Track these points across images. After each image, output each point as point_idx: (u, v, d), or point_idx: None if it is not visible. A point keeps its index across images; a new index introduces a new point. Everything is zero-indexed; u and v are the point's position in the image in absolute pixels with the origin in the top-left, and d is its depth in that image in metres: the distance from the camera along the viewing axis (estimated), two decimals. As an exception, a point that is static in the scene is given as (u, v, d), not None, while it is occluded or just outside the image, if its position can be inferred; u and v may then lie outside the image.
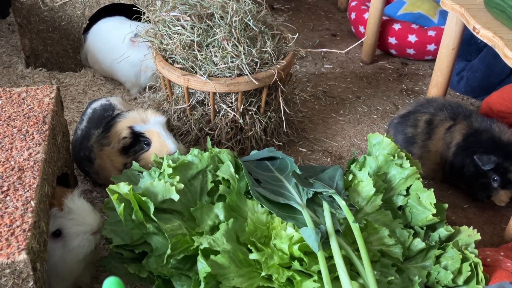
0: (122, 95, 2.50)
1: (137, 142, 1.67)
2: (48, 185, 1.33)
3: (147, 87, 2.48)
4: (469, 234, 1.52)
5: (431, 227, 1.60)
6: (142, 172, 1.52)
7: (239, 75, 1.91)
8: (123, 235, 1.38)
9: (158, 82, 2.38)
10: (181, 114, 2.09)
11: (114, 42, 2.40)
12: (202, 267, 1.26)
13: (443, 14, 2.93)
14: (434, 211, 1.54)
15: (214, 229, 1.40)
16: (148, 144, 1.66)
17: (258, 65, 1.94)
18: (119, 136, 1.64)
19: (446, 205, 1.65)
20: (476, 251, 1.46)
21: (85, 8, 2.51)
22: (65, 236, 1.33)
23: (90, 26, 2.57)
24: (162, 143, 1.64)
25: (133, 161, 1.60)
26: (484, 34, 1.75)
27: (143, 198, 1.34)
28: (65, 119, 1.72)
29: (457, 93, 2.71)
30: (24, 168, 1.29)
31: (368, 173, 1.61)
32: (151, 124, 1.66)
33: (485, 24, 1.77)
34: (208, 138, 1.70)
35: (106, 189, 1.37)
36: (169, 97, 2.13)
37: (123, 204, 1.34)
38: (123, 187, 1.34)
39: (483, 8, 1.86)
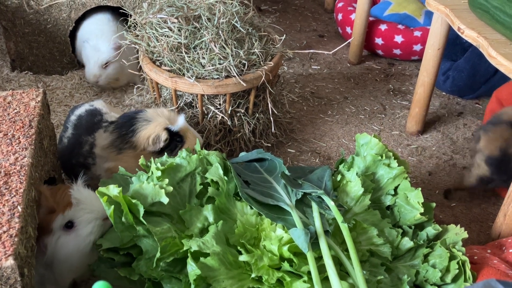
0: (110, 98, 2.49)
1: (171, 141, 1.75)
2: (35, 190, 1.32)
3: (134, 90, 2.47)
4: (456, 233, 1.54)
5: (419, 226, 1.61)
6: (131, 177, 1.52)
7: (227, 76, 1.91)
8: (112, 239, 1.38)
9: (145, 84, 2.37)
10: (169, 117, 2.08)
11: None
12: (192, 269, 1.26)
13: (429, 15, 2.96)
14: (422, 210, 1.55)
15: (204, 231, 1.40)
16: (181, 141, 1.76)
17: (246, 67, 1.94)
18: (155, 139, 1.70)
19: (434, 204, 1.67)
20: (463, 249, 1.47)
21: (71, 11, 2.49)
22: (77, 225, 1.36)
23: (76, 28, 2.56)
24: (194, 136, 1.78)
25: (120, 167, 1.60)
26: (469, 34, 1.77)
27: (133, 201, 1.34)
28: (52, 122, 1.71)
29: (443, 93, 2.74)
30: (11, 172, 1.27)
31: (357, 173, 1.62)
32: (181, 122, 1.76)
33: (470, 25, 1.79)
34: (197, 140, 1.70)
35: (96, 192, 1.37)
36: (156, 99, 2.12)
37: (113, 206, 1.33)
38: (113, 189, 1.34)
39: (468, 9, 1.88)
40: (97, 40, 2.42)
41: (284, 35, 2.18)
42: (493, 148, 1.83)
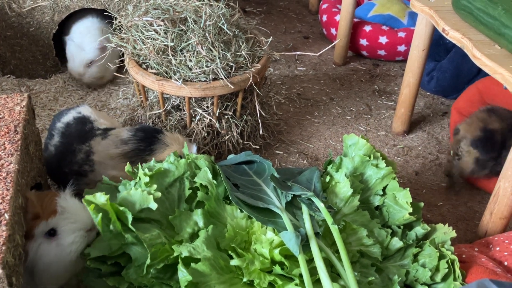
0: (95, 102, 2.46)
1: None
2: (22, 197, 1.30)
3: (120, 93, 2.45)
4: (444, 232, 1.55)
5: (408, 226, 1.62)
6: (116, 186, 1.50)
7: (214, 79, 1.90)
8: (101, 248, 1.35)
9: (132, 87, 2.35)
10: (156, 120, 2.07)
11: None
12: (183, 275, 1.25)
13: (412, 16, 2.99)
14: (411, 210, 1.57)
15: (194, 236, 1.39)
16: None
17: (233, 69, 1.93)
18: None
19: (422, 204, 1.68)
20: (452, 248, 1.48)
21: (54, 14, 2.46)
22: (60, 234, 1.33)
23: (60, 31, 2.53)
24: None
25: (104, 176, 1.58)
26: (453, 36, 1.79)
27: (121, 208, 1.32)
28: (37, 127, 1.68)
29: (428, 93, 2.77)
30: (-4, 180, 1.25)
31: (345, 174, 1.63)
32: (193, 151, 1.76)
33: (454, 26, 1.81)
34: (185, 143, 1.68)
35: (82, 200, 1.35)
36: (143, 102, 2.11)
37: (100, 214, 1.31)
38: (100, 197, 1.32)
39: (452, 10, 1.90)
40: (82, 39, 2.42)
41: (271, 37, 2.18)
42: (474, 130, 1.94)
